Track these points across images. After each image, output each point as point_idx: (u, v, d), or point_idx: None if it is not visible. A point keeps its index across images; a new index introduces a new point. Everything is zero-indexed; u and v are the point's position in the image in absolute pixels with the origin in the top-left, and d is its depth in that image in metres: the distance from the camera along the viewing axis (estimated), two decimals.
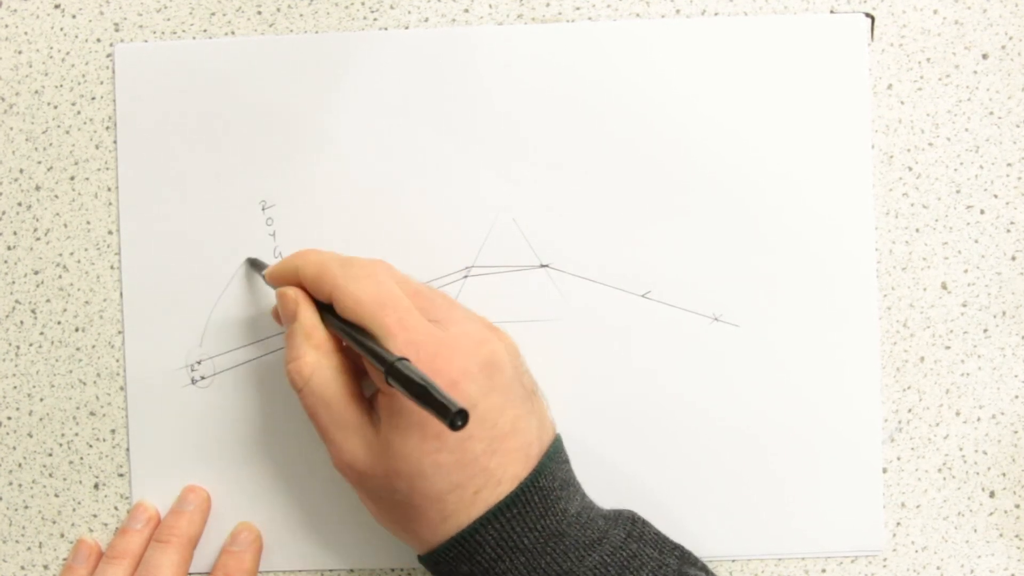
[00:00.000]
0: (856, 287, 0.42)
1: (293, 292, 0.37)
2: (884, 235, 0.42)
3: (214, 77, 0.42)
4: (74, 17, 0.43)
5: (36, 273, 0.43)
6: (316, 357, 0.36)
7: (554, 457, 0.36)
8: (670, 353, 0.42)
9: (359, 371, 0.37)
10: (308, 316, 0.36)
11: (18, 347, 0.43)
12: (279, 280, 0.38)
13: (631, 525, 0.36)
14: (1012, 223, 0.42)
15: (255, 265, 0.42)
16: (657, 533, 0.37)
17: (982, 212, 0.42)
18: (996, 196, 0.42)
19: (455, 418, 0.29)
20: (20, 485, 0.43)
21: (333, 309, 0.36)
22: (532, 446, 0.35)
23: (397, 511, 0.35)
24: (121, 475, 0.42)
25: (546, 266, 0.42)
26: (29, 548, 0.43)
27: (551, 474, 0.36)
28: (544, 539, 0.34)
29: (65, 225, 0.43)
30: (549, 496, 0.35)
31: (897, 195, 0.42)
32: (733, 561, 0.42)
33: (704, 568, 0.37)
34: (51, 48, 0.43)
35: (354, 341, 0.35)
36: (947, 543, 0.42)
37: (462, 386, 0.34)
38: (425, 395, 0.30)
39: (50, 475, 0.43)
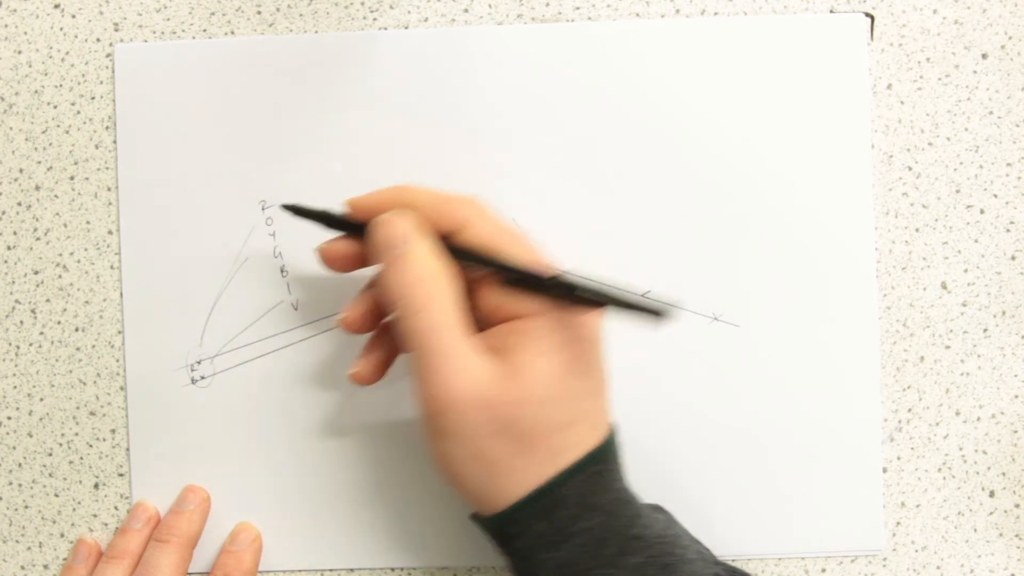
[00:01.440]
0: (856, 287, 0.42)
1: (410, 216, 0.34)
2: (884, 235, 0.42)
3: (214, 77, 0.42)
4: (74, 17, 0.43)
5: (36, 273, 0.43)
6: (440, 273, 0.33)
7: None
8: (670, 353, 0.42)
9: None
10: (426, 244, 0.33)
11: (18, 347, 0.43)
12: (374, 211, 0.35)
13: (663, 513, 0.37)
14: (1012, 223, 0.42)
15: (298, 211, 0.37)
16: (682, 525, 0.37)
17: (982, 212, 0.42)
18: (996, 196, 0.42)
19: (662, 310, 0.30)
20: (20, 485, 0.43)
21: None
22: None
23: (496, 451, 0.32)
24: (121, 475, 0.42)
25: None
26: (29, 548, 0.43)
27: (617, 441, 0.36)
28: (617, 502, 0.34)
29: (65, 225, 0.43)
30: (619, 459, 0.35)
31: (897, 195, 0.42)
32: (733, 561, 0.42)
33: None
34: (51, 48, 0.43)
35: (495, 266, 0.34)
36: (947, 543, 0.42)
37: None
38: (616, 301, 0.31)
39: (50, 475, 0.43)
